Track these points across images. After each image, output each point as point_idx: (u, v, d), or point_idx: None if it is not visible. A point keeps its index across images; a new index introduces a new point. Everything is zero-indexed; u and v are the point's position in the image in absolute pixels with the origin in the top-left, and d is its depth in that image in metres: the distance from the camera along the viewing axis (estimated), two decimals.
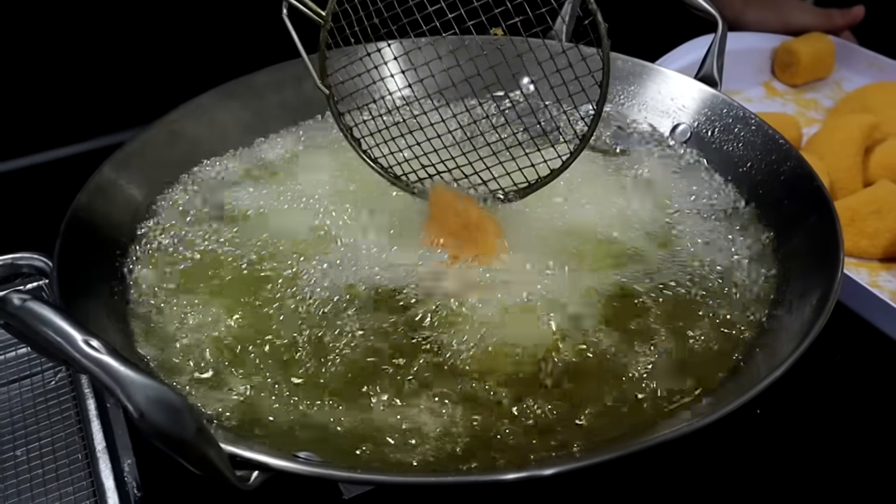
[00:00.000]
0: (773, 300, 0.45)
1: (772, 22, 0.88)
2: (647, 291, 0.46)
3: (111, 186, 0.51)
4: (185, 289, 0.48)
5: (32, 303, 0.32)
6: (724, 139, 0.55)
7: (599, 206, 0.52)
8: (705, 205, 0.52)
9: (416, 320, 0.44)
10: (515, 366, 0.42)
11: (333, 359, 0.43)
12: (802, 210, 0.48)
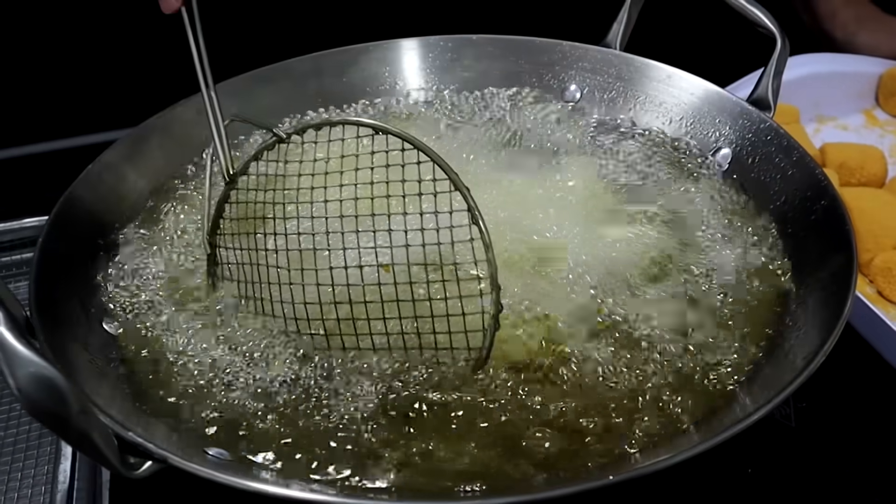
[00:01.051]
0: (772, 338, 0.42)
1: (885, 46, 0.81)
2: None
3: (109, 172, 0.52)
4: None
5: None
6: (764, 168, 0.51)
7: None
8: (731, 234, 0.49)
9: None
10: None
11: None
12: (826, 252, 0.44)
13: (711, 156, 0.54)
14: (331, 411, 0.39)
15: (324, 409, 0.40)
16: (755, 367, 0.41)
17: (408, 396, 0.40)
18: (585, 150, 0.55)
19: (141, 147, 0.54)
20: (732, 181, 0.53)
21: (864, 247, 0.60)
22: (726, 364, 0.42)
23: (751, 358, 0.42)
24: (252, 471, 0.36)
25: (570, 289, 0.45)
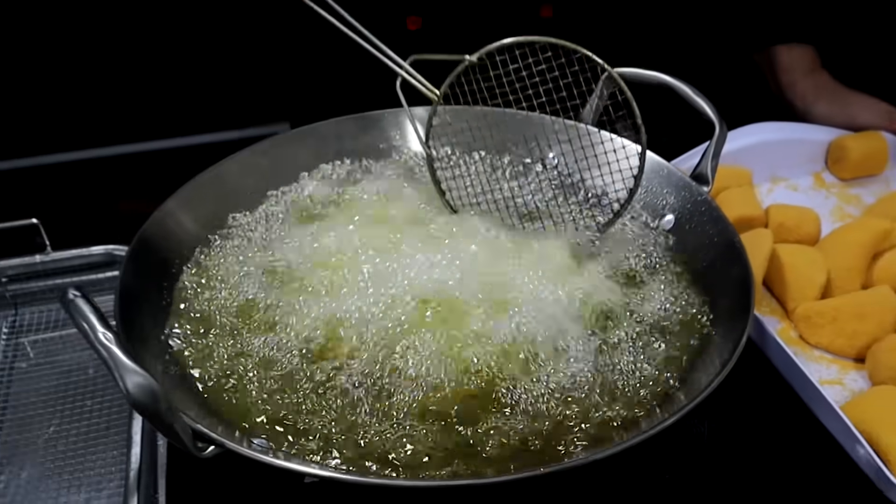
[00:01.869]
0: (689, 369, 0.55)
1: (837, 117, 0.94)
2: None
3: (179, 211, 0.66)
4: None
5: (78, 299, 0.47)
6: (698, 233, 0.64)
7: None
8: (666, 285, 0.62)
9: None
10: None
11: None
12: (734, 306, 0.57)
13: (658, 220, 0.68)
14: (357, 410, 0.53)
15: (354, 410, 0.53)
16: (673, 391, 0.54)
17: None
18: (556, 210, 0.69)
19: (199, 194, 0.68)
20: (673, 242, 0.66)
21: (791, 297, 0.73)
22: (653, 387, 0.55)
23: (670, 385, 0.55)
24: (286, 456, 0.50)
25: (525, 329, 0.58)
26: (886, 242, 0.76)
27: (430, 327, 0.57)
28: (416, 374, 0.55)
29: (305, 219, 0.69)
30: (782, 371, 0.66)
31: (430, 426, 0.52)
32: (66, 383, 0.68)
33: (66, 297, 0.48)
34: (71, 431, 0.64)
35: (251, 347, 0.58)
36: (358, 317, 0.59)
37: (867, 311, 0.69)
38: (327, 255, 0.63)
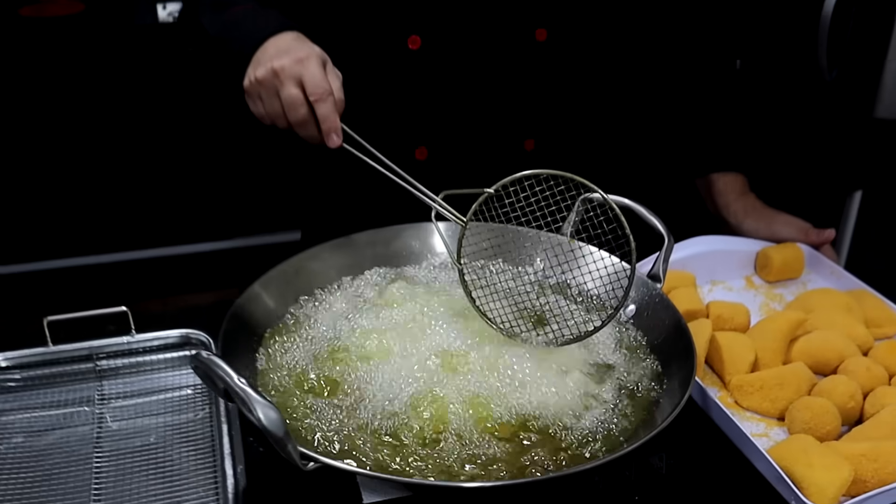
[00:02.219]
0: (646, 419, 0.75)
1: (763, 231, 1.17)
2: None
3: (258, 297, 0.86)
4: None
5: (213, 356, 0.66)
6: (653, 319, 0.85)
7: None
8: (629, 357, 0.82)
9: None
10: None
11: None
12: (682, 373, 0.77)
13: (623, 310, 0.89)
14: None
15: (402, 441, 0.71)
16: (633, 436, 0.74)
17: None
18: (544, 306, 0.89)
19: (280, 279, 0.88)
20: (634, 326, 0.87)
21: (727, 371, 0.93)
22: (623, 429, 0.74)
23: (635, 427, 0.74)
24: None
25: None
26: (801, 329, 0.97)
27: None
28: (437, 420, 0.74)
29: (359, 309, 0.88)
30: (722, 427, 0.86)
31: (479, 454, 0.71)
32: (150, 440, 0.85)
33: (200, 357, 0.67)
34: (163, 475, 0.81)
35: (315, 406, 0.76)
36: (394, 383, 0.78)
37: (786, 382, 0.89)
38: (374, 334, 0.82)
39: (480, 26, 1.13)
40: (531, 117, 1.21)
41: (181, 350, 0.93)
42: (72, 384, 0.92)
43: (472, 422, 0.74)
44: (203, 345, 0.92)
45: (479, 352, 0.80)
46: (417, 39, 1.13)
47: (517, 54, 1.15)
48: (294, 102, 0.92)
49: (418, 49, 1.13)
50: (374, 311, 0.86)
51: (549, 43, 1.16)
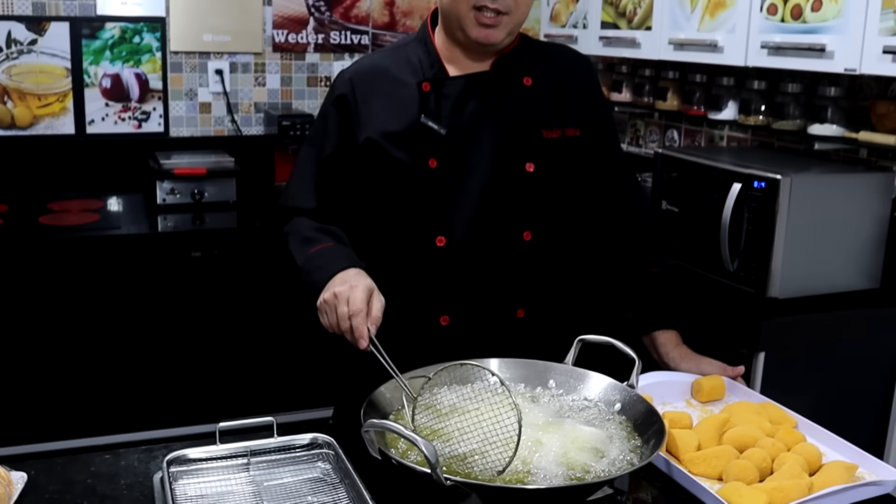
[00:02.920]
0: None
1: (695, 369, 1.68)
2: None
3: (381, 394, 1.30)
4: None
5: (381, 421, 1.10)
6: (633, 410, 1.32)
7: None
8: (620, 437, 1.29)
9: None
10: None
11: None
12: (655, 438, 1.24)
13: (612, 407, 1.36)
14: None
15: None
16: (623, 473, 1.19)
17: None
18: (560, 412, 1.36)
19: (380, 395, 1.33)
20: (622, 417, 1.34)
21: (681, 451, 1.39)
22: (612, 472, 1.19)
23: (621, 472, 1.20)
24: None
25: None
26: (727, 425, 1.45)
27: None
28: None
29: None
30: (681, 482, 1.32)
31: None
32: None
33: (373, 422, 1.11)
34: None
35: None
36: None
37: (721, 455, 1.36)
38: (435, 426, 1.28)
39: (487, 229, 1.66)
40: (521, 293, 1.71)
41: (311, 448, 1.35)
42: (234, 472, 1.32)
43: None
44: (328, 444, 1.34)
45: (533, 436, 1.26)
46: (443, 239, 1.65)
47: (511, 249, 1.68)
48: (342, 317, 1.42)
49: (444, 246, 1.65)
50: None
51: (533, 241, 1.70)
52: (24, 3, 3.27)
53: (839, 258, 2.31)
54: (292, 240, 1.68)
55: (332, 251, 1.61)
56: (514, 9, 1.59)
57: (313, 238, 1.65)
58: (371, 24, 3.76)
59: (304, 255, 1.62)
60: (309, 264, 1.59)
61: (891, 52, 2.01)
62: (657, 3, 2.80)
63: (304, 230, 1.68)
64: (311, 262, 1.60)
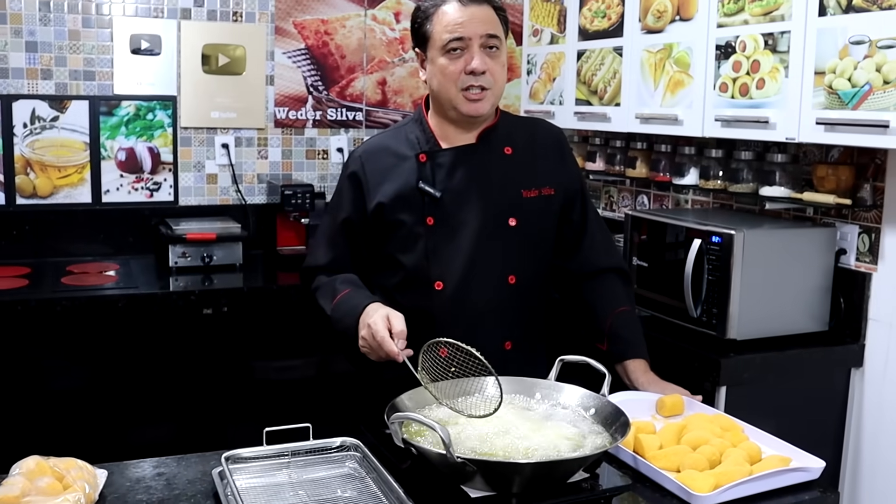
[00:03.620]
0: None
1: (660, 392, 2.00)
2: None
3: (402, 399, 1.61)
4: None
5: (407, 413, 1.42)
6: (603, 414, 1.64)
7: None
8: (596, 432, 1.60)
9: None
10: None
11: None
12: (624, 429, 1.55)
13: (587, 412, 1.67)
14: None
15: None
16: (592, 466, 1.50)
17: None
18: (545, 416, 1.67)
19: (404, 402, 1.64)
20: (595, 418, 1.65)
21: (646, 449, 1.70)
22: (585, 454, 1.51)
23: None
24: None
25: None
26: (685, 431, 1.77)
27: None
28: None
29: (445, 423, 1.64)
30: (645, 472, 1.63)
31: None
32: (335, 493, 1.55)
33: (398, 415, 1.42)
34: None
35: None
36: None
37: (678, 453, 1.67)
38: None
39: (477, 275, 1.99)
40: (508, 328, 2.04)
41: (347, 451, 1.65)
42: (277, 469, 1.62)
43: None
44: (355, 446, 1.65)
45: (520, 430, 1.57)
46: (441, 284, 1.98)
47: (499, 291, 2.02)
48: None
49: (442, 289, 1.98)
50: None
51: (517, 284, 2.03)
52: (48, 84, 3.63)
53: (790, 304, 2.65)
54: (320, 295, 2.06)
55: (351, 297, 1.95)
56: (494, 84, 1.96)
57: (335, 289, 2.01)
58: (365, 102, 4.15)
59: (330, 306, 1.98)
60: (336, 313, 1.96)
61: (822, 123, 2.38)
62: (625, 82, 3.19)
63: (325, 284, 2.06)
64: (337, 310, 1.96)
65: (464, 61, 1.93)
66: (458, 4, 1.94)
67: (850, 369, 2.69)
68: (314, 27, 4.01)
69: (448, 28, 1.93)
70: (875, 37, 2.22)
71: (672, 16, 2.93)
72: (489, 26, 1.94)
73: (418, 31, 2.01)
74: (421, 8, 2.01)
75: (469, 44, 1.93)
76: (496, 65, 1.96)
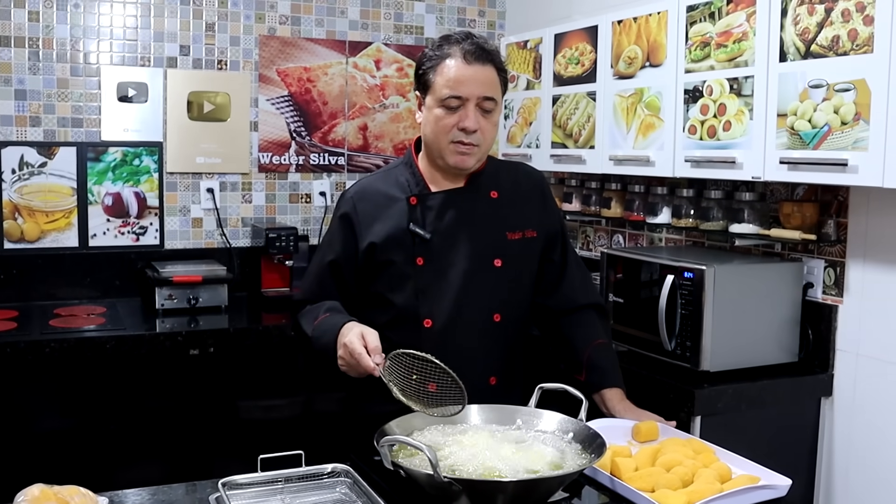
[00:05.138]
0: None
1: (634, 418, 2.09)
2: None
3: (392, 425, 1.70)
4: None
5: (397, 436, 1.51)
6: (581, 433, 1.74)
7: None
8: (574, 451, 1.70)
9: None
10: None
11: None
12: (597, 450, 1.65)
13: (566, 435, 1.77)
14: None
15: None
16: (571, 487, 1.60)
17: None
18: (526, 441, 1.76)
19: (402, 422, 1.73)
20: (573, 441, 1.75)
21: (622, 471, 1.79)
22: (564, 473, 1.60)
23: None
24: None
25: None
26: (659, 454, 1.86)
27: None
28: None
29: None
30: (622, 493, 1.72)
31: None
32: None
33: (387, 439, 1.51)
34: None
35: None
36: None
37: (653, 474, 1.77)
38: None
39: (464, 313, 2.10)
40: (493, 364, 2.14)
41: (332, 476, 1.73)
42: (271, 494, 1.70)
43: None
44: (345, 472, 1.73)
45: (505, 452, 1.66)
46: (430, 322, 2.09)
47: (484, 328, 2.12)
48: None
49: (430, 327, 2.08)
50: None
51: (502, 322, 2.14)
52: (37, 131, 3.73)
53: (761, 336, 2.77)
54: (303, 320, 2.15)
55: (329, 319, 2.05)
56: (483, 141, 2.08)
57: (316, 314, 2.11)
58: (346, 147, 4.27)
59: (311, 328, 2.07)
60: (315, 332, 2.07)
61: (786, 163, 2.52)
62: (598, 125, 3.33)
63: (309, 311, 2.16)
64: (316, 330, 2.07)
65: (458, 117, 2.04)
66: (462, 62, 2.04)
67: (819, 398, 2.80)
68: (297, 75, 4.14)
69: (448, 84, 2.04)
70: (832, 80, 2.37)
71: (642, 62, 3.08)
72: (487, 88, 2.06)
73: (421, 77, 2.11)
74: (427, 55, 2.11)
75: (465, 102, 2.04)
76: (488, 124, 2.07)
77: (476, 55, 2.04)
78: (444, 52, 2.07)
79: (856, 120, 2.31)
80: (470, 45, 2.05)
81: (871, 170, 2.28)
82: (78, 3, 3.76)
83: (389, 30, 4.30)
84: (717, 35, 2.74)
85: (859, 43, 2.29)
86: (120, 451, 3.27)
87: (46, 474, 3.15)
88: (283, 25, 4.10)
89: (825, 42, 2.39)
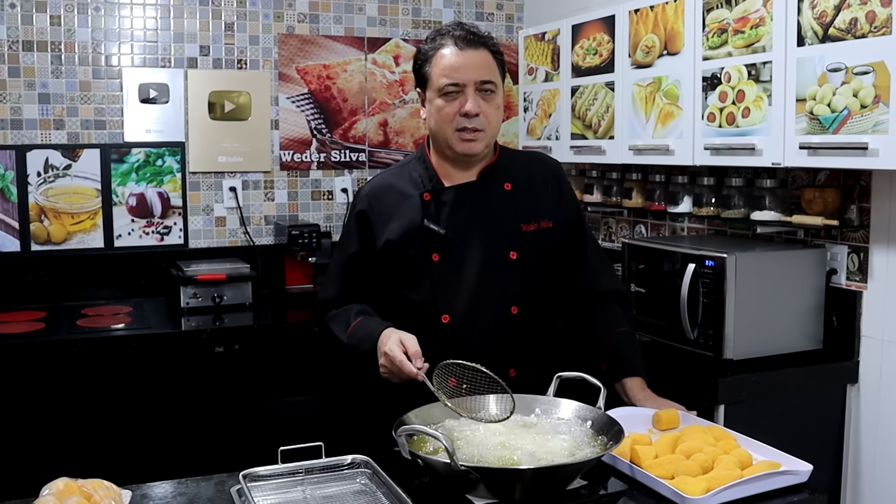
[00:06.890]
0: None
1: (655, 406, 2.09)
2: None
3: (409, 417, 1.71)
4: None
5: (417, 426, 1.52)
6: (600, 426, 1.74)
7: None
8: (592, 441, 1.70)
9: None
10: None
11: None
12: (615, 437, 1.65)
13: (585, 423, 1.77)
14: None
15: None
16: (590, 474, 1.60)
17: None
18: (544, 429, 1.77)
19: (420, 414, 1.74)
20: (591, 429, 1.75)
21: (642, 458, 1.79)
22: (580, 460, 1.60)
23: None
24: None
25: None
26: (679, 441, 1.86)
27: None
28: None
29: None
30: (641, 480, 1.72)
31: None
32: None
33: (406, 428, 1.52)
34: None
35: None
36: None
37: (673, 461, 1.77)
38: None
39: (481, 307, 2.10)
40: (512, 356, 2.14)
41: (353, 467, 1.75)
42: (292, 486, 1.71)
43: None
44: (365, 463, 1.74)
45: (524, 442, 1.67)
46: (448, 317, 2.10)
47: (502, 321, 2.12)
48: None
49: (448, 322, 2.09)
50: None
51: (519, 314, 2.14)
52: (61, 134, 3.78)
53: (784, 323, 2.75)
54: (334, 325, 2.18)
55: (363, 324, 2.07)
56: (488, 125, 2.08)
57: (348, 319, 2.14)
58: (367, 143, 4.29)
59: (345, 335, 2.11)
60: (352, 339, 2.09)
61: (806, 148, 2.50)
62: (617, 116, 3.32)
63: (338, 315, 2.18)
64: (353, 337, 2.09)
65: (458, 104, 2.05)
66: (455, 49, 2.06)
67: (845, 385, 2.78)
68: (317, 72, 4.17)
69: (444, 72, 2.05)
70: (851, 63, 2.35)
71: (660, 51, 3.07)
72: (484, 72, 2.06)
73: (419, 73, 2.13)
74: (421, 50, 2.13)
75: (464, 88, 2.05)
76: (490, 107, 2.08)
77: (468, 40, 2.05)
78: (436, 43, 2.09)
79: (875, 103, 2.29)
80: (461, 32, 2.07)
81: (892, 153, 2.25)
82: (98, 7, 3.81)
83: (408, 25, 4.31)
84: (734, 21, 2.73)
85: (877, 25, 2.27)
86: (146, 446, 3.31)
87: (73, 468, 3.20)
88: (301, 23, 4.12)
89: (843, 25, 2.36)
